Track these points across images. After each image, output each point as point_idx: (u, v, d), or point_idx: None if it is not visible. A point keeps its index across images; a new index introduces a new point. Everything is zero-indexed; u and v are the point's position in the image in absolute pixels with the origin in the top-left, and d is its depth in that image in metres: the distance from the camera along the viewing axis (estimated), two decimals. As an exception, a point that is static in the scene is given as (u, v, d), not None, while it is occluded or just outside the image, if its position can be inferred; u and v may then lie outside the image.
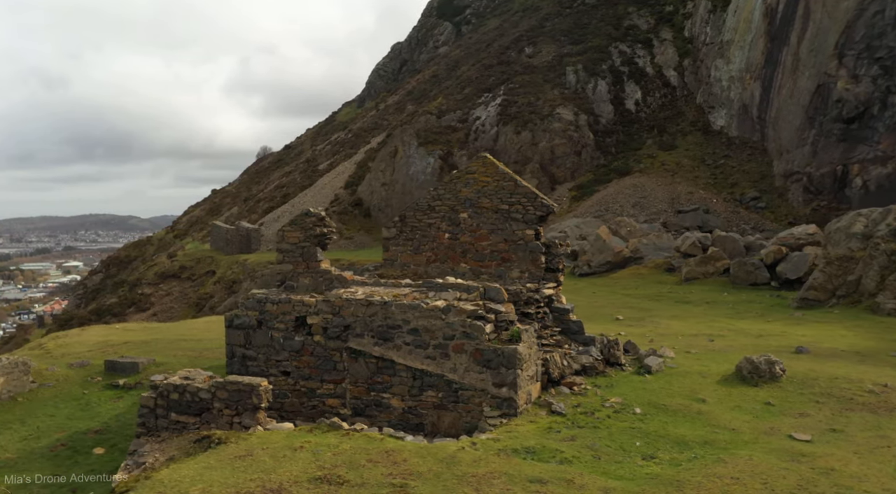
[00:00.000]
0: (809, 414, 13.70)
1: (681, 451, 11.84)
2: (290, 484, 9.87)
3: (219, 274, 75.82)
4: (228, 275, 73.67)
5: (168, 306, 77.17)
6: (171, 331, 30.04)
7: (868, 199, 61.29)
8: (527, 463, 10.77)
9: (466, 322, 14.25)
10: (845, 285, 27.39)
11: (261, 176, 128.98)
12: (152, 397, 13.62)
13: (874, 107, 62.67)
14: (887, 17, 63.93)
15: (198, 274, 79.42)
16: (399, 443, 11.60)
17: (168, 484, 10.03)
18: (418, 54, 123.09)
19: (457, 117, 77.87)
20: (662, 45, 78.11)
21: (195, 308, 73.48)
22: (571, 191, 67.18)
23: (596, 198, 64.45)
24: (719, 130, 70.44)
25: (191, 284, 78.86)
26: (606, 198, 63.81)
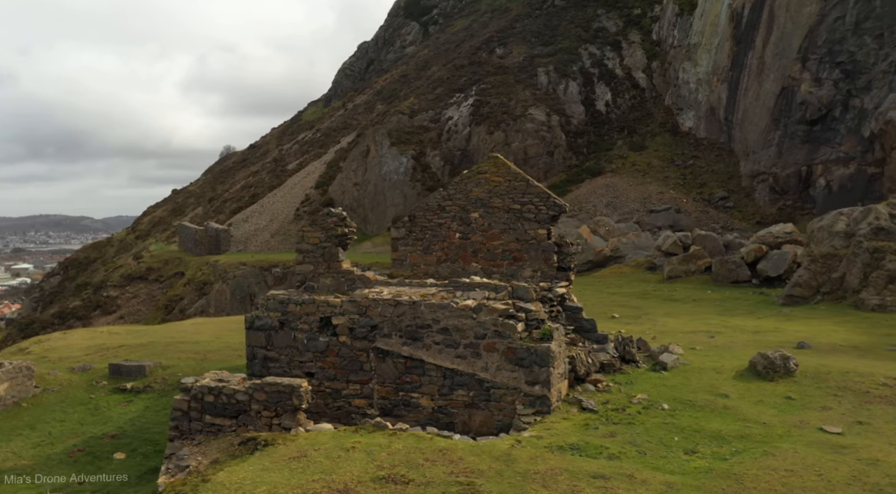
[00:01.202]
0: (831, 408, 14.15)
1: (720, 445, 12.13)
2: (354, 484, 9.86)
3: (188, 275, 74.58)
4: (198, 277, 72.50)
5: (135, 309, 75.62)
6: (159, 334, 29.53)
7: (831, 199, 63.25)
8: (582, 460, 10.95)
9: (498, 321, 14.37)
10: (829, 282, 28.28)
11: (225, 175, 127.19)
12: (185, 400, 13.43)
13: (836, 110, 64.68)
14: (847, 23, 66.02)
15: (166, 276, 77.99)
16: (450, 442, 11.67)
17: (231, 487, 9.93)
18: (385, 54, 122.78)
19: (429, 117, 77.93)
20: (631, 47, 79.36)
21: (164, 310, 72.14)
22: (545, 191, 67.68)
23: (569, 199, 65.13)
24: (688, 131, 71.86)
25: (159, 286, 77.38)
26: (580, 198, 64.57)
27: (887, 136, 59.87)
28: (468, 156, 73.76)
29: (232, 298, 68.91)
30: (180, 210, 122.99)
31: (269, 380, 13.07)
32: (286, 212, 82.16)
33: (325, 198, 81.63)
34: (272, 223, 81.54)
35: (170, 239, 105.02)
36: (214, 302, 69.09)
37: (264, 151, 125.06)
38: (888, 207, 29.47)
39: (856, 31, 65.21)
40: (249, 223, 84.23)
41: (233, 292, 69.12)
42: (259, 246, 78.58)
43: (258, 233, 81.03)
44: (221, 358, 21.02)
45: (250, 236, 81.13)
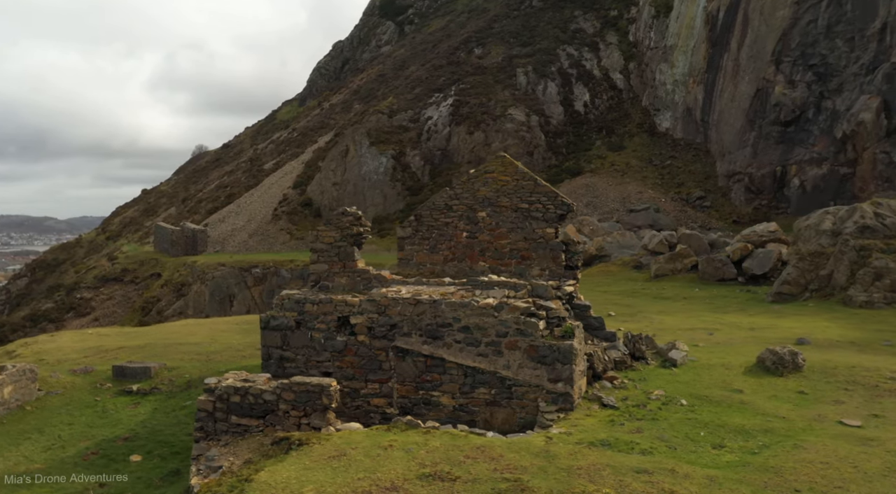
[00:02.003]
0: (844, 402, 14.51)
1: (745, 440, 12.37)
2: (401, 482, 9.89)
3: (165, 276, 73.56)
4: (176, 278, 71.57)
5: (110, 311, 74.36)
6: (152, 336, 29.16)
7: (805, 199, 64.63)
8: (620, 455, 11.10)
9: (520, 319, 14.48)
10: (818, 280, 28.93)
11: (198, 175, 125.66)
12: (210, 400, 13.32)
13: (809, 112, 66.10)
14: (819, 26, 67.50)
15: (141, 277, 76.81)
16: (485, 439, 11.75)
17: (277, 486, 9.89)
18: (360, 53, 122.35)
19: (408, 117, 77.88)
20: (608, 48, 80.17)
21: (141, 312, 71.08)
22: (525, 191, 68.04)
23: (550, 198, 65.57)
24: (665, 132, 72.81)
25: (134, 288, 76.19)
26: (560, 198, 65.02)
27: (859, 137, 61.33)
28: (448, 156, 73.90)
29: (211, 299, 68.15)
30: (152, 210, 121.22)
31: (298, 380, 13.02)
32: (264, 213, 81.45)
33: (303, 198, 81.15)
34: (250, 223, 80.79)
35: (143, 239, 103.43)
36: (193, 304, 68.26)
37: (238, 151, 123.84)
38: (873, 206, 30.26)
39: (827, 35, 66.68)
40: (226, 223, 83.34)
41: (212, 293, 68.38)
42: (237, 246, 77.79)
43: (235, 233, 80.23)
44: (226, 359, 20.84)
45: (227, 236, 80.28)
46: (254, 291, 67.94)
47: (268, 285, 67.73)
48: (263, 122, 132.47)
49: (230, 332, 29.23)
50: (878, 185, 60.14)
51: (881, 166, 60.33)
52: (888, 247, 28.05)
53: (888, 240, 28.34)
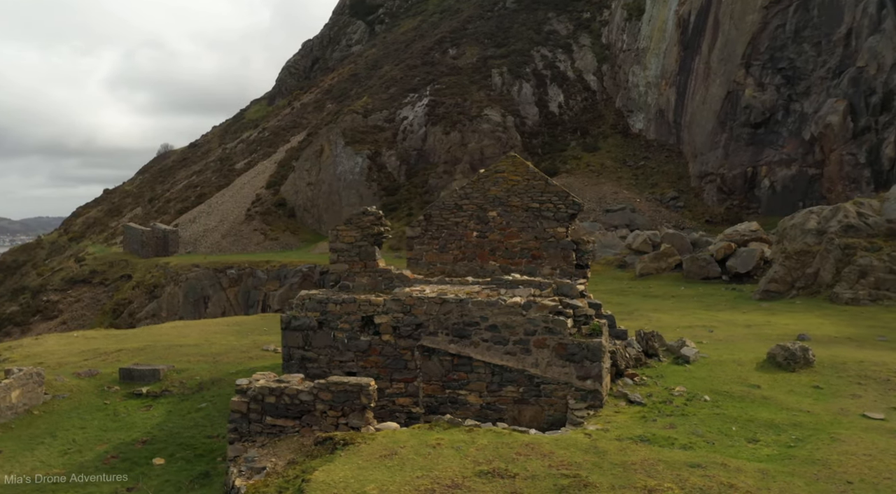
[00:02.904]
0: (861, 396, 14.95)
1: (777, 434, 12.67)
2: (461, 480, 9.93)
3: (136, 278, 72.19)
4: (148, 280, 70.30)
5: (79, 313, 72.72)
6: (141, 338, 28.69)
7: (775, 199, 66.21)
8: (666, 450, 11.29)
9: (549, 317, 14.62)
10: (804, 277, 29.69)
11: (165, 175, 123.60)
12: (244, 401, 13.17)
13: (778, 114, 67.66)
14: (788, 30, 69.15)
15: (111, 279, 75.25)
16: (531, 436, 11.84)
17: (338, 486, 9.85)
18: (331, 52, 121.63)
19: (383, 117, 77.68)
20: (582, 50, 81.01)
21: (111, 315, 69.67)
22: (502, 191, 68.41)
23: (527, 198, 66.00)
24: (638, 133, 73.83)
25: (104, 290, 74.61)
26: (537, 198, 65.49)
27: (826, 139, 62.98)
28: (424, 156, 73.91)
29: (185, 301, 67.10)
30: (117, 210, 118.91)
31: (335, 380, 12.95)
32: (237, 213, 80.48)
33: (277, 198, 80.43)
34: (222, 224, 79.73)
35: (109, 240, 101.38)
36: (167, 306, 67.14)
37: (206, 150, 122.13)
38: (855, 206, 31.15)
39: (795, 39, 68.35)
40: (198, 223, 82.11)
41: (185, 295, 67.32)
42: (210, 247, 76.71)
43: (208, 233, 79.11)
44: (232, 360, 20.60)
45: (200, 237, 79.12)
46: (229, 292, 67.07)
47: (243, 286, 66.94)
48: (231, 121, 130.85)
49: (223, 334, 28.89)
50: (846, 186, 61.88)
51: (848, 167, 62.01)
52: (871, 246, 28.92)
53: (871, 239, 29.22)
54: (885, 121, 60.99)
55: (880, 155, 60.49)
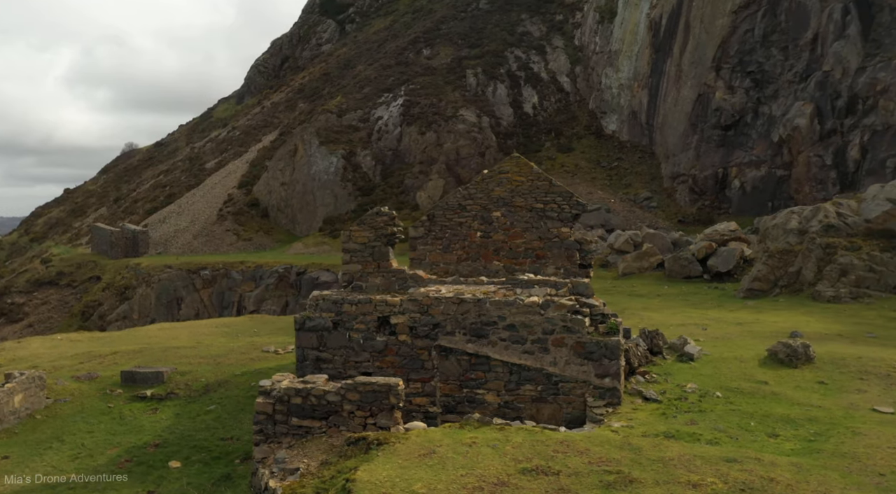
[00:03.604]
0: (866, 391, 15.42)
1: (795, 428, 13.03)
2: (507, 478, 10.04)
3: (106, 279, 70.78)
4: (118, 281, 69.00)
5: (46, 316, 71.02)
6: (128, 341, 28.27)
7: (745, 199, 67.64)
8: (698, 446, 11.54)
9: (567, 316, 14.80)
10: (787, 276, 30.44)
11: (130, 174, 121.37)
12: (269, 403, 13.10)
13: (748, 116, 69.15)
14: (756, 35, 70.70)
15: (79, 281, 73.65)
16: (562, 434, 11.99)
17: (383, 485, 9.87)
18: (301, 51, 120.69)
19: (358, 117, 77.40)
20: (555, 52, 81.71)
21: (80, 317, 68.23)
22: (478, 192, 68.67)
23: (503, 199, 66.37)
24: (611, 134, 74.75)
25: (72, 292, 72.97)
26: (513, 199, 65.92)
27: (794, 141, 64.53)
28: (400, 156, 73.84)
29: (157, 303, 66.03)
30: (80, 210, 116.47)
31: (362, 380, 12.96)
32: (208, 213, 79.41)
33: (249, 199, 79.59)
34: (193, 224, 78.60)
35: (73, 240, 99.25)
36: (138, 308, 65.99)
37: (173, 149, 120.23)
38: (834, 206, 32.06)
39: (764, 43, 69.93)
40: (168, 224, 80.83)
41: (158, 296, 66.25)
42: (181, 247, 75.58)
43: (179, 234, 77.92)
44: (234, 362, 20.41)
45: (170, 237, 77.90)
46: (203, 294, 66.18)
47: (217, 287, 66.11)
48: (199, 120, 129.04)
49: (213, 335, 28.60)
50: (813, 187, 63.52)
51: (815, 169, 63.60)
52: (851, 245, 29.77)
53: (851, 238, 30.09)
54: (850, 124, 62.71)
55: (846, 157, 62.18)
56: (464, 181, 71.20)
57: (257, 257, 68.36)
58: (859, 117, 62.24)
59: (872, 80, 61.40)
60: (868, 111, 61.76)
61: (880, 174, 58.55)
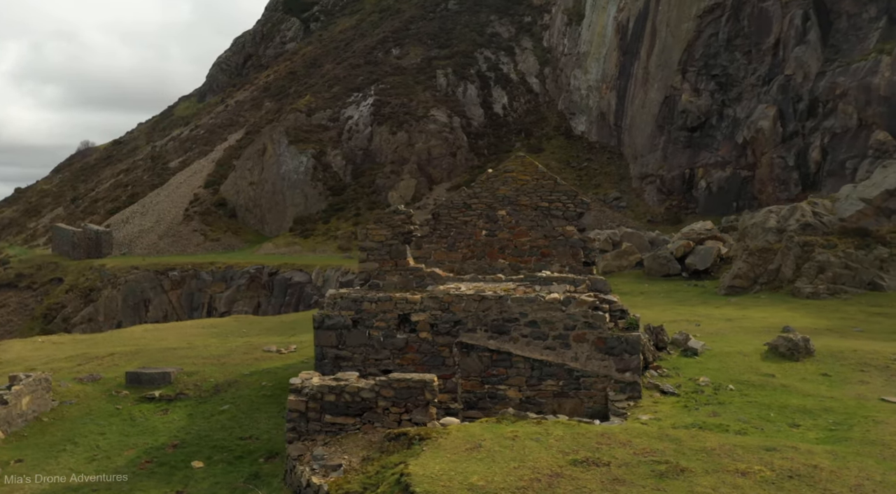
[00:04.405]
0: (868, 382, 16.05)
1: (814, 418, 13.52)
2: (560, 469, 10.23)
3: (69, 281, 69.03)
4: (82, 283, 67.37)
5: (5, 319, 68.94)
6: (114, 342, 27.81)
7: (711, 199, 69.14)
8: (733, 436, 11.91)
9: (588, 312, 15.08)
10: (766, 273, 31.35)
11: (87, 173, 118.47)
12: (302, 400, 13.08)
13: (713, 118, 70.71)
14: (721, 39, 72.34)
15: (40, 283, 71.66)
16: (600, 427, 12.24)
17: (441, 479, 9.96)
18: (264, 49, 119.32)
19: (327, 116, 76.94)
20: (524, 53, 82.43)
21: (42, 320, 66.45)
22: (450, 191, 68.92)
23: (475, 198, 66.68)
24: (581, 135, 75.72)
25: (32, 294, 70.96)
26: (485, 198, 66.30)
27: (757, 143, 66.22)
28: (371, 156, 73.63)
29: (124, 304, 64.67)
30: (35, 210, 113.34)
31: (397, 376, 13.04)
32: (174, 213, 78.03)
33: (217, 198, 78.47)
34: (159, 224, 77.15)
35: (29, 241, 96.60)
36: (104, 310, 64.53)
37: (133, 148, 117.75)
38: (810, 205, 33.13)
39: (728, 47, 71.56)
40: (132, 224, 79.18)
41: (125, 298, 64.89)
42: (146, 248, 74.13)
43: (144, 234, 76.40)
44: (239, 362, 20.22)
45: (135, 238, 76.34)
46: (171, 295, 65.05)
47: (187, 288, 65.04)
48: (159, 118, 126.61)
49: (203, 336, 28.26)
50: (776, 187, 65.26)
51: (778, 170, 65.33)
52: (828, 243, 30.82)
53: (827, 237, 31.15)
54: (812, 126, 64.55)
55: (807, 158, 63.96)
56: (435, 181, 71.42)
57: (227, 258, 67.47)
58: (820, 120, 64.07)
59: (832, 84, 63.31)
60: (828, 114, 63.63)
61: (840, 175, 60.42)
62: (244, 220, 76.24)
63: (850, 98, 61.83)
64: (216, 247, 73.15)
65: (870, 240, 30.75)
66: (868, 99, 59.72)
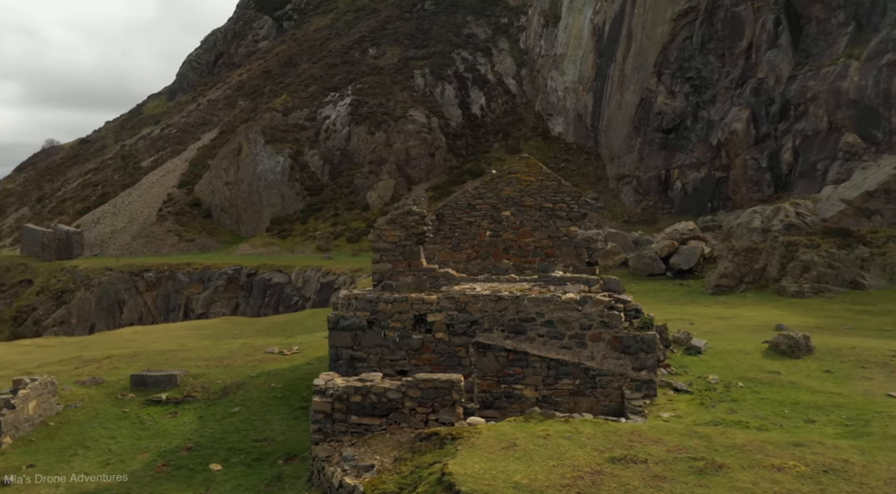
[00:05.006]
0: (871, 378, 16.49)
1: (827, 414, 13.87)
2: (598, 466, 10.37)
3: (39, 283, 67.56)
4: (54, 285, 65.98)
5: (-28, 321, 67.08)
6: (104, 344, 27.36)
7: (687, 200, 70.20)
8: (758, 433, 12.16)
9: (605, 312, 15.27)
10: (752, 273, 31.98)
11: (54, 173, 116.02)
12: (327, 401, 13.04)
13: (688, 120, 71.79)
14: (695, 42, 73.46)
15: (8, 285, 70.01)
16: (627, 425, 12.41)
17: (484, 477, 10.03)
18: (236, 47, 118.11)
19: (304, 116, 76.45)
20: (501, 54, 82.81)
21: (12, 322, 64.94)
22: (429, 192, 69.06)
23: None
24: (558, 136, 76.32)
25: (0, 296, 69.21)
26: (464, 199, 66.49)
27: (731, 145, 67.41)
28: (348, 156, 73.34)
29: (98, 307, 63.50)
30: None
31: (423, 376, 13.06)
32: (147, 213, 76.83)
33: (191, 198, 77.48)
34: (132, 224, 75.89)
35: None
36: (77, 312, 63.27)
37: (101, 147, 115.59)
38: (793, 206, 33.90)
39: (702, 51, 72.70)
40: (103, 225, 77.74)
41: (98, 300, 63.73)
42: (119, 249, 72.87)
43: (116, 235, 75.09)
44: (243, 364, 20.02)
45: (107, 238, 74.98)
46: (146, 297, 64.04)
47: (162, 290, 64.10)
48: (127, 117, 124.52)
49: (195, 338, 27.95)
50: (749, 188, 66.47)
51: (751, 171, 66.54)
52: (811, 243, 31.55)
53: (810, 237, 31.89)
54: (784, 128, 65.88)
55: (780, 160, 65.24)
56: (414, 181, 71.38)
57: (203, 258, 66.65)
58: (791, 123, 65.41)
59: (803, 87, 64.68)
60: (799, 117, 64.98)
61: (811, 176, 61.76)
62: (220, 221, 75.37)
63: (820, 101, 63.19)
64: (191, 247, 72.21)
65: (851, 240, 31.55)
66: (838, 102, 61.06)
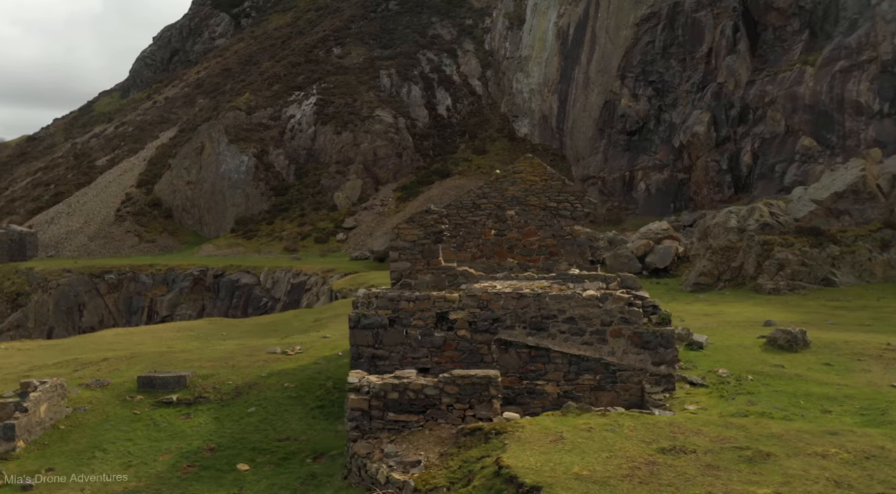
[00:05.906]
0: (870, 370, 17.21)
1: (840, 405, 14.44)
2: (651, 457, 10.64)
3: (-7, 284, 65.08)
4: (8, 287, 63.79)
5: (-79, 325, 64.30)
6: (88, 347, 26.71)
7: (650, 201, 71.70)
8: (787, 422, 12.61)
9: (625, 308, 15.61)
10: (729, 271, 32.92)
11: (0, 171, 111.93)
12: (364, 399, 13.05)
13: (651, 123, 73.32)
14: (657, 47, 75.05)
15: (-41, 286, 67.22)
16: (665, 417, 12.72)
17: (543, 470, 10.19)
18: (192, 44, 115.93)
19: (268, 114, 75.55)
20: (466, 55, 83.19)
21: (-36, 325, 62.36)
22: (397, 192, 69.02)
23: (422, 199, 66.98)
24: (524, 137, 77.08)
25: (-50, 298, 66.50)
26: (432, 199, 66.62)
27: (693, 147, 69.11)
28: (314, 156, 72.76)
29: (56, 309, 61.59)
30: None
31: (460, 373, 13.18)
32: (105, 213, 74.88)
33: (151, 198, 75.82)
34: (88, 225, 73.86)
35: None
36: (34, 315, 61.28)
37: (50, 144, 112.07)
38: (767, 206, 35.01)
39: (664, 55, 74.34)
40: (58, 225, 75.47)
41: (57, 303, 61.81)
42: (76, 250, 70.85)
43: (72, 235, 72.97)
44: (249, 364, 19.77)
45: (63, 239, 72.81)
46: (108, 299, 62.40)
47: (125, 292, 62.55)
48: (77, 114, 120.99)
49: (182, 339, 27.51)
50: (710, 189, 68.24)
51: (712, 172, 68.32)
52: (785, 242, 32.63)
53: (784, 236, 32.98)
54: (743, 131, 67.85)
55: (739, 162, 67.16)
56: (382, 181, 71.21)
57: (166, 260, 65.30)
58: (750, 126, 67.40)
59: (761, 92, 66.69)
60: (758, 120, 67.00)
61: (769, 178, 63.81)
62: (181, 221, 73.92)
63: (777, 106, 65.27)
64: (152, 248, 70.68)
65: (822, 239, 32.74)
66: (794, 107, 63.15)
